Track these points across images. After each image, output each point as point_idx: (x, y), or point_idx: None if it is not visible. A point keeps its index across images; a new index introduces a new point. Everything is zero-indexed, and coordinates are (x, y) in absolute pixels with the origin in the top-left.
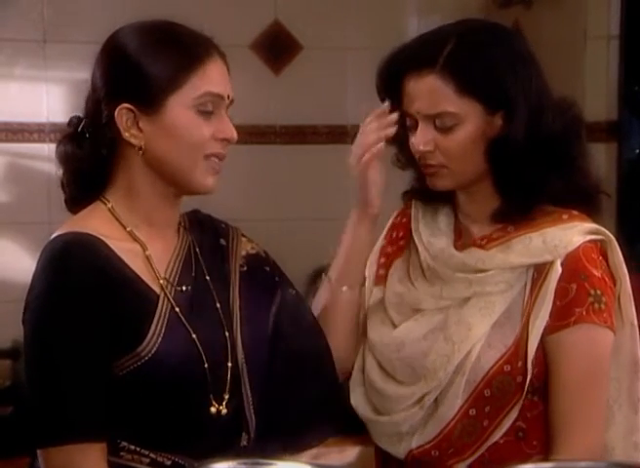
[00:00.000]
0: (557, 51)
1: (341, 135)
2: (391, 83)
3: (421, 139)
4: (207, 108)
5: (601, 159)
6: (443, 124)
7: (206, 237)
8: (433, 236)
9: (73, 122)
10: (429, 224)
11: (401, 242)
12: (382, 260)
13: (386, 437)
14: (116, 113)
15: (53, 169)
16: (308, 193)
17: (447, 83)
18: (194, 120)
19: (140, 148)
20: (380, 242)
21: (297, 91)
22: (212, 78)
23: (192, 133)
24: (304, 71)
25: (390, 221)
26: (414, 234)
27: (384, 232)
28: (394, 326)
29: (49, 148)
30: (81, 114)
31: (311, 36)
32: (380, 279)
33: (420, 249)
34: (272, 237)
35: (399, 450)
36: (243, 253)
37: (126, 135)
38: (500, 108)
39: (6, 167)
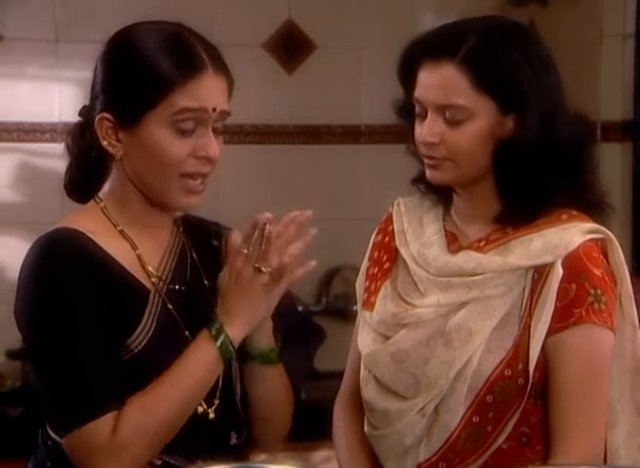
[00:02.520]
0: (572, 50)
1: (356, 134)
2: (408, 69)
3: (429, 131)
4: (186, 125)
5: (616, 159)
6: (453, 117)
7: (199, 240)
8: (424, 247)
9: (82, 112)
10: (417, 235)
11: (386, 265)
12: (367, 284)
13: (392, 453)
14: (96, 121)
15: (66, 161)
16: (322, 193)
17: (464, 75)
18: (169, 138)
19: (120, 158)
20: (365, 262)
21: (310, 90)
22: (194, 95)
23: (167, 151)
24: (318, 70)
25: (372, 240)
26: (400, 250)
27: (368, 251)
28: (388, 338)
29: (61, 148)
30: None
31: (325, 35)
32: (368, 304)
33: (411, 264)
34: None
35: (406, 466)
36: None
37: (104, 143)
38: (513, 109)
39: (18, 166)
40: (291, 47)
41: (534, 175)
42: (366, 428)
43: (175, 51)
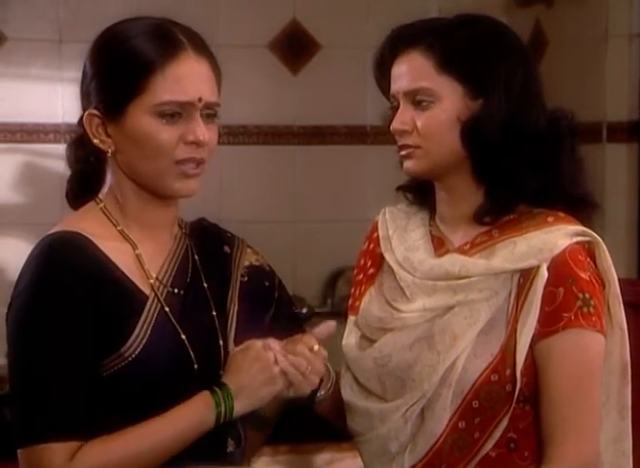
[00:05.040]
0: (578, 50)
1: (361, 135)
2: (382, 72)
3: (399, 118)
4: (173, 111)
5: (622, 159)
6: (421, 101)
7: (209, 244)
8: (409, 251)
9: (81, 121)
10: (402, 240)
11: (370, 270)
12: (353, 290)
13: (377, 460)
14: (84, 119)
15: (68, 170)
16: (327, 194)
17: (429, 59)
18: (156, 125)
19: (112, 154)
20: (356, 270)
21: (315, 90)
22: (176, 82)
23: (156, 138)
24: (323, 71)
25: (360, 248)
26: (385, 256)
27: (357, 260)
28: (373, 342)
29: (64, 149)
30: None
31: (330, 35)
32: (353, 309)
33: (396, 269)
34: (290, 239)
35: None
36: (246, 263)
37: (95, 141)
38: (480, 94)
39: (21, 167)
40: (295, 47)
41: (504, 159)
42: (353, 434)
43: (152, 36)
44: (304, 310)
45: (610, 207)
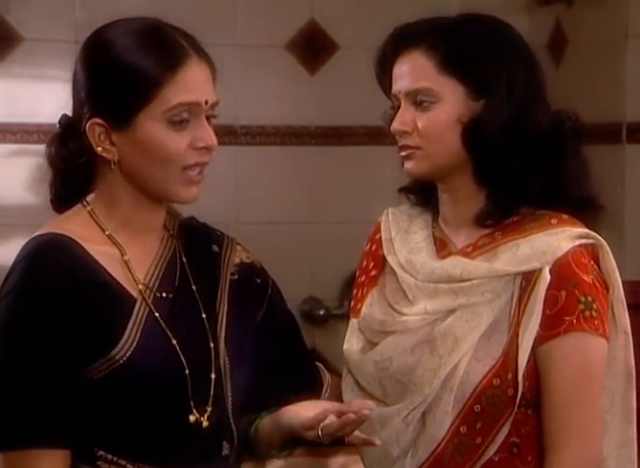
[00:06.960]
0: (598, 49)
1: (379, 136)
2: (383, 70)
3: (400, 119)
4: (181, 117)
5: None
6: (422, 102)
7: (197, 244)
8: (412, 253)
9: (62, 121)
10: (405, 242)
11: (373, 272)
12: (355, 292)
13: (378, 463)
14: (87, 128)
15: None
16: (344, 195)
17: (430, 59)
18: (166, 133)
19: (114, 162)
20: (358, 272)
21: (333, 91)
22: (185, 86)
23: (166, 146)
24: (341, 71)
25: (363, 250)
26: (388, 258)
27: (359, 261)
28: (374, 345)
29: None
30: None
31: (347, 35)
32: (355, 311)
33: (399, 271)
34: (307, 240)
35: None
36: (236, 260)
37: (98, 149)
38: (481, 95)
39: (37, 168)
40: (313, 47)
41: (506, 160)
42: None
43: (157, 44)
44: (322, 312)
45: (630, 207)
